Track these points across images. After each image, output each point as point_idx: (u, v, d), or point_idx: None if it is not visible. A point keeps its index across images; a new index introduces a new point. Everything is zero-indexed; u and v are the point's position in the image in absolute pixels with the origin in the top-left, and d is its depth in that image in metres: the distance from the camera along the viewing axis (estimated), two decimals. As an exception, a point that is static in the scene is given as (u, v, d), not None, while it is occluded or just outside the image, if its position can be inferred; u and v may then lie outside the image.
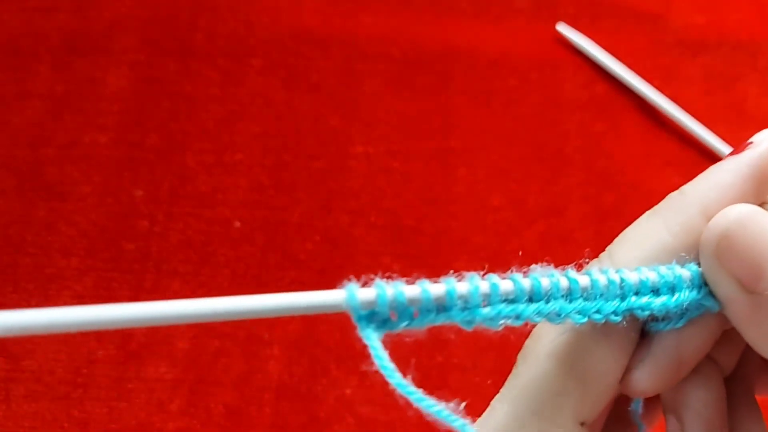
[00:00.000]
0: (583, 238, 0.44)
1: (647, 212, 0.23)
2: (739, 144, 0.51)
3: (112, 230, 0.45)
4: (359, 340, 0.46)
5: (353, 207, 0.46)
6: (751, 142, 0.22)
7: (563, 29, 0.51)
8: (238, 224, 0.45)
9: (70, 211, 0.46)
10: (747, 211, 0.21)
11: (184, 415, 0.40)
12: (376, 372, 0.46)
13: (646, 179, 0.47)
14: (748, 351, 0.24)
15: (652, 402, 0.26)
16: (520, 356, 0.23)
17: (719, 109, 0.49)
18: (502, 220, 0.46)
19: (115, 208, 0.46)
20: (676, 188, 0.52)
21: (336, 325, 0.43)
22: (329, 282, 0.47)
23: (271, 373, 0.41)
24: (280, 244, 0.45)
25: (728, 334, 0.23)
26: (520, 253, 0.43)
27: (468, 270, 0.46)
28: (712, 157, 0.48)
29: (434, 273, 0.47)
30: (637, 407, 0.26)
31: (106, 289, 0.44)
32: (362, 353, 0.45)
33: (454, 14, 0.52)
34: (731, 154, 0.23)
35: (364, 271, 0.48)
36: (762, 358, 0.23)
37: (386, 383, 0.45)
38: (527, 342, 0.23)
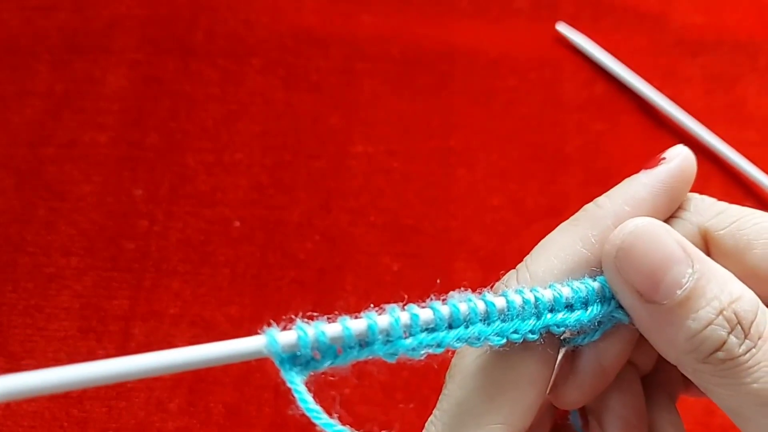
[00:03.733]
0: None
1: (563, 223, 0.24)
2: (737, 143, 0.51)
3: (111, 229, 0.45)
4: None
5: (353, 206, 0.46)
6: (664, 158, 0.23)
7: (563, 29, 0.51)
8: (237, 223, 0.45)
9: (70, 211, 0.46)
10: (643, 224, 0.21)
11: (184, 415, 0.40)
12: (376, 372, 0.46)
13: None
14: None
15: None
16: (447, 376, 0.23)
17: (718, 108, 0.49)
18: (502, 220, 0.46)
19: (115, 207, 0.46)
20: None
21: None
22: (329, 281, 0.47)
23: (271, 373, 0.41)
24: (279, 244, 0.45)
25: (642, 337, 0.23)
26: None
27: (467, 269, 0.47)
28: (712, 157, 0.48)
29: (434, 272, 0.47)
30: (576, 419, 0.26)
31: (105, 289, 0.44)
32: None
33: (454, 14, 0.52)
34: (646, 168, 0.23)
35: (363, 271, 0.48)
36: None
37: (386, 383, 0.45)
38: (453, 361, 0.23)
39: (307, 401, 0.19)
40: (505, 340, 0.21)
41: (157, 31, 0.51)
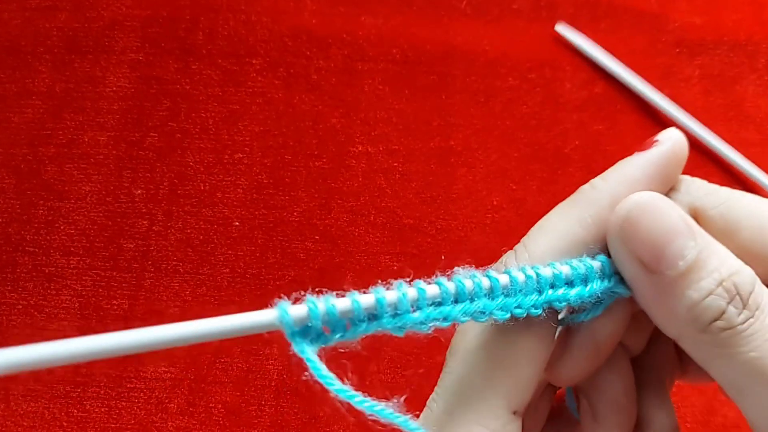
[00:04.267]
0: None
1: (560, 204, 0.24)
2: (736, 143, 0.51)
3: (111, 229, 0.45)
4: (359, 339, 0.46)
5: (353, 206, 0.46)
6: (657, 141, 0.24)
7: (562, 29, 0.51)
8: (237, 223, 0.45)
9: (70, 210, 0.46)
10: (647, 196, 0.22)
11: (184, 415, 0.40)
12: (376, 371, 0.47)
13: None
14: (656, 338, 0.26)
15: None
16: (448, 353, 0.24)
17: (717, 108, 0.49)
18: (501, 219, 0.46)
19: (115, 207, 0.46)
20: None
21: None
22: (329, 281, 0.47)
23: (271, 372, 0.41)
24: (279, 243, 0.45)
25: (635, 318, 0.24)
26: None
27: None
28: (711, 156, 0.48)
29: (433, 272, 0.47)
30: (571, 401, 0.27)
31: (105, 288, 0.44)
32: (363, 353, 0.45)
33: (454, 15, 0.52)
34: (639, 150, 0.24)
35: (363, 270, 0.48)
36: (670, 346, 0.25)
37: (385, 382, 0.45)
38: (454, 339, 0.24)
39: (319, 369, 0.19)
40: (509, 315, 0.21)
41: (157, 32, 0.51)
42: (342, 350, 0.20)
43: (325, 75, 0.50)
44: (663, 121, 0.49)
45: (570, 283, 0.22)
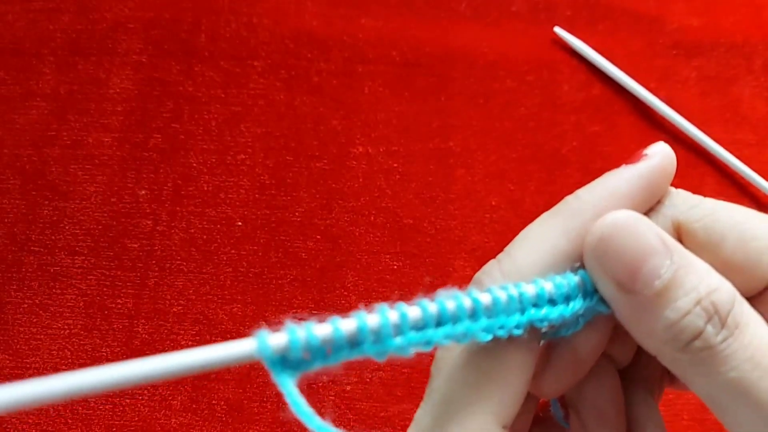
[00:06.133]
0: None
1: (545, 214, 0.24)
2: (732, 145, 0.52)
3: (116, 229, 0.45)
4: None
5: (353, 206, 0.46)
6: (645, 154, 0.24)
7: (560, 32, 0.51)
8: (240, 223, 0.46)
9: (75, 210, 0.46)
10: (622, 216, 0.22)
11: (187, 411, 0.41)
12: (376, 370, 0.47)
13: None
14: (642, 350, 0.25)
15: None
16: (433, 368, 0.24)
17: (714, 110, 0.49)
18: (500, 220, 0.46)
19: (119, 207, 0.46)
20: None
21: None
22: (330, 280, 0.48)
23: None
24: (281, 243, 0.45)
25: (620, 330, 0.24)
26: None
27: (467, 268, 0.47)
28: (707, 158, 0.48)
29: (433, 271, 0.48)
30: (556, 409, 0.27)
31: (109, 287, 0.44)
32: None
33: (453, 17, 0.53)
34: (627, 163, 0.24)
35: (364, 270, 0.49)
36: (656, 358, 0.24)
37: (386, 381, 0.46)
38: (438, 354, 0.24)
39: (299, 404, 0.19)
40: (491, 336, 0.21)
41: (160, 34, 0.52)
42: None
43: (325, 77, 0.50)
44: (660, 123, 0.49)
45: (552, 302, 0.22)
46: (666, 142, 0.54)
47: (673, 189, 0.24)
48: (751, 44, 0.51)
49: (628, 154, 0.53)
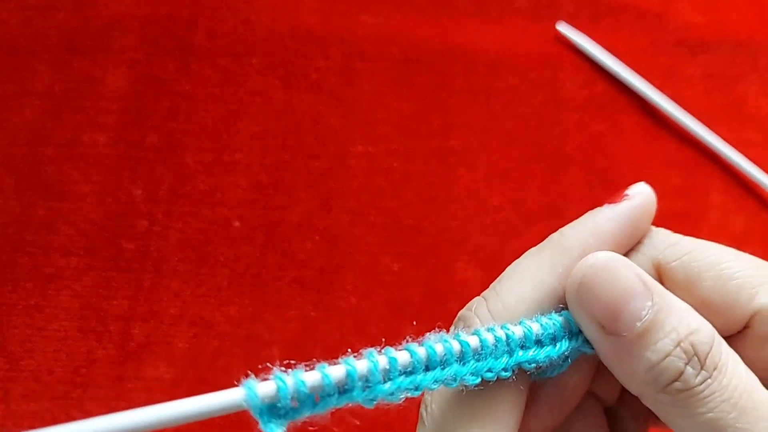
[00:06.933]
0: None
1: (530, 251, 0.24)
2: (737, 142, 0.51)
3: (111, 229, 0.45)
4: (359, 340, 0.46)
5: (353, 206, 0.46)
6: (627, 194, 0.24)
7: (563, 28, 0.51)
8: (237, 223, 0.45)
9: (69, 211, 0.46)
10: (603, 258, 0.22)
11: (184, 415, 0.40)
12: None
13: (646, 179, 0.46)
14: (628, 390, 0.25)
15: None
16: (422, 411, 0.24)
17: (719, 108, 0.49)
18: (502, 220, 0.46)
19: (115, 207, 0.46)
20: (676, 188, 0.52)
21: (335, 325, 0.43)
22: (329, 281, 0.47)
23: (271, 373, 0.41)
24: (279, 244, 0.45)
25: (604, 370, 0.24)
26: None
27: (467, 269, 0.46)
28: (712, 157, 0.48)
29: (434, 272, 0.47)
30: None
31: (105, 289, 0.43)
32: (362, 353, 0.45)
33: (454, 13, 0.52)
34: (609, 202, 0.24)
35: (363, 271, 0.48)
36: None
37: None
38: (426, 397, 0.24)
39: None
40: (479, 380, 0.21)
41: (156, 31, 0.51)
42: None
43: (324, 74, 0.50)
44: (664, 121, 0.49)
45: (539, 342, 0.22)
46: (670, 140, 0.53)
47: (653, 228, 0.25)
48: (756, 42, 0.51)
49: (632, 152, 0.52)
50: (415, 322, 0.43)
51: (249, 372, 0.19)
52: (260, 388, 0.18)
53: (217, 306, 0.43)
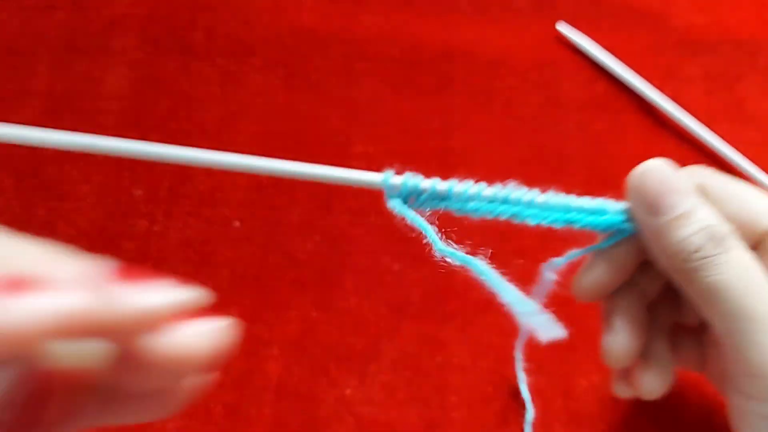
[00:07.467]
0: (583, 238, 0.44)
1: None
2: (738, 143, 0.51)
3: (111, 230, 0.45)
4: (359, 340, 0.46)
5: (353, 207, 0.46)
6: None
7: (563, 29, 0.51)
8: (237, 224, 0.45)
9: (69, 211, 0.46)
10: (659, 162, 0.31)
11: (183, 415, 0.40)
12: (376, 373, 0.46)
13: (646, 179, 0.47)
14: (666, 289, 0.33)
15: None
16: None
17: (719, 108, 0.49)
18: (502, 220, 0.45)
19: (115, 207, 0.46)
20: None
21: (335, 325, 0.42)
22: (329, 282, 0.47)
23: (271, 373, 0.41)
24: (279, 244, 0.45)
25: (648, 267, 0.32)
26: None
27: (468, 270, 0.46)
28: (712, 157, 0.48)
29: (435, 272, 0.47)
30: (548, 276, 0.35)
31: (105, 289, 0.43)
32: (362, 353, 0.45)
33: (454, 14, 0.52)
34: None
35: (363, 271, 0.48)
36: (677, 295, 0.32)
37: (386, 384, 0.45)
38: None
39: (408, 212, 0.30)
40: (538, 221, 0.31)
41: (156, 31, 0.51)
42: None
43: (324, 75, 0.50)
44: (664, 121, 0.49)
45: (594, 213, 0.31)
46: (671, 140, 0.53)
47: (701, 167, 0.32)
48: (757, 42, 0.51)
49: (633, 152, 0.52)
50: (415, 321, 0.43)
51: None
52: (393, 178, 0.30)
53: (218, 306, 0.43)
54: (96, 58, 0.50)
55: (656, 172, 0.30)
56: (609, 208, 0.31)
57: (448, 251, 0.31)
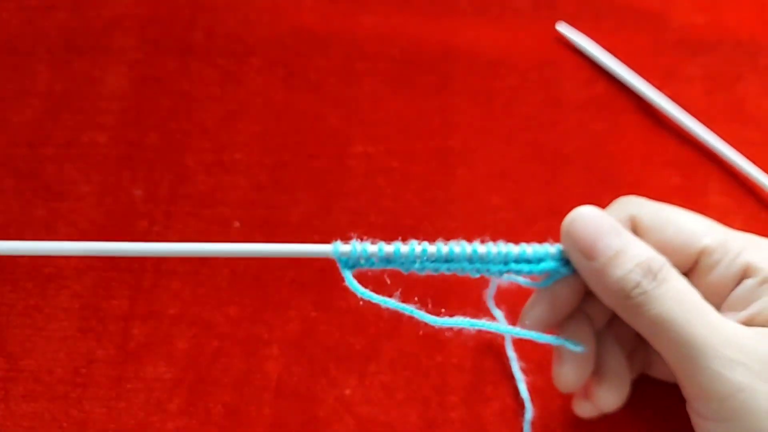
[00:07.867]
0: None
1: None
2: (737, 143, 0.51)
3: (111, 230, 0.45)
4: (358, 340, 0.46)
5: (353, 207, 0.46)
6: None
7: (563, 29, 0.51)
8: (237, 224, 0.45)
9: (69, 211, 0.46)
10: (583, 209, 0.32)
11: (183, 415, 0.40)
12: (375, 373, 0.46)
13: (646, 179, 0.47)
14: (614, 319, 0.35)
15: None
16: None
17: (719, 108, 0.49)
18: (502, 220, 0.46)
19: (114, 207, 0.46)
20: (675, 188, 0.52)
21: (335, 325, 0.43)
22: (329, 281, 0.47)
23: (270, 373, 0.41)
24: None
25: (592, 296, 0.34)
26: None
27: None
28: (712, 157, 0.48)
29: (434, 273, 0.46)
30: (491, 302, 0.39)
31: (105, 289, 0.43)
32: (361, 353, 0.45)
33: (454, 14, 0.52)
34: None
35: (363, 271, 0.47)
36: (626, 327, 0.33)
37: (386, 384, 0.45)
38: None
39: (353, 283, 0.32)
40: (479, 274, 0.34)
41: (156, 31, 0.51)
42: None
43: (324, 74, 0.50)
44: (664, 122, 0.49)
45: (528, 261, 0.33)
46: (670, 140, 0.53)
47: (632, 196, 0.34)
48: (757, 42, 0.51)
49: (632, 152, 0.52)
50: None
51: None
52: (342, 247, 0.33)
53: (217, 306, 0.43)
54: (96, 58, 0.50)
55: (585, 217, 0.32)
56: (547, 255, 0.33)
57: (442, 321, 0.33)
